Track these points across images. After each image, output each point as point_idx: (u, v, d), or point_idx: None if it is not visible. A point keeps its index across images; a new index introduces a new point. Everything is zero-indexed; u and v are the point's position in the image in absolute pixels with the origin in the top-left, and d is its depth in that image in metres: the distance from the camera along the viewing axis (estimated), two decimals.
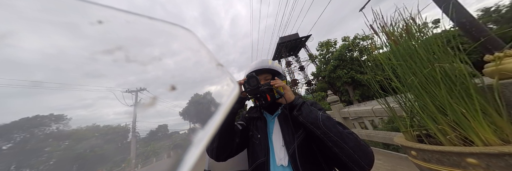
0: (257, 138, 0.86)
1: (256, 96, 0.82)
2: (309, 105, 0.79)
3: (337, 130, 0.66)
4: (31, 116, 14.73)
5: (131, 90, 16.63)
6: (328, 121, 0.69)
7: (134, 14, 0.23)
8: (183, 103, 4.69)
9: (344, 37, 19.63)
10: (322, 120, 0.69)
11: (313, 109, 0.75)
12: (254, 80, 0.79)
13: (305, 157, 0.73)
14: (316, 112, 0.73)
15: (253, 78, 0.79)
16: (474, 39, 1.14)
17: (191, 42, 0.28)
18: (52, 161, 10.53)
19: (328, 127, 0.66)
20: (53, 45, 0.26)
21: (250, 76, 0.80)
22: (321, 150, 0.76)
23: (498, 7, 21.02)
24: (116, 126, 13.54)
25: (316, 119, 0.69)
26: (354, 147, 0.63)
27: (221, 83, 0.29)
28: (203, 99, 0.38)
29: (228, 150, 0.85)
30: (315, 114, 0.71)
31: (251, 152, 0.86)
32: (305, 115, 0.72)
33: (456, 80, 0.79)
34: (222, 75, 0.30)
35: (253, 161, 0.82)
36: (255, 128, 0.92)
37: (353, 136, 0.67)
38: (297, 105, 0.76)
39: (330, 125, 0.67)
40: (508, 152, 0.58)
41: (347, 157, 0.62)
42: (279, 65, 1.04)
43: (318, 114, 0.71)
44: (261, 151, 0.80)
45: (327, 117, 0.71)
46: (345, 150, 0.63)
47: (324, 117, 0.70)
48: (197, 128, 0.22)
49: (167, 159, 11.04)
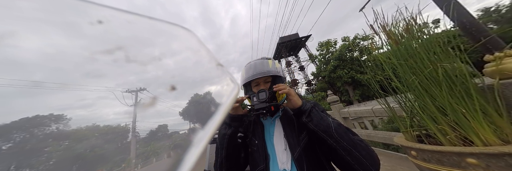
0: (255, 144, 0.84)
1: (263, 111, 0.75)
2: (318, 110, 0.74)
3: (349, 138, 0.64)
4: (31, 116, 14.74)
5: (131, 90, 16.60)
6: (340, 128, 0.66)
7: (134, 14, 0.23)
8: (183, 103, 4.61)
9: (344, 37, 19.63)
10: (335, 128, 0.65)
11: (324, 115, 0.71)
12: (263, 94, 0.77)
13: (310, 161, 0.72)
14: (327, 118, 0.69)
15: (263, 92, 0.78)
16: (474, 39, 1.14)
17: (191, 42, 0.28)
18: (52, 161, 10.54)
19: (341, 135, 0.64)
20: (53, 45, 0.26)
21: (260, 91, 0.79)
22: (324, 152, 0.75)
23: (498, 7, 21.02)
24: (116, 126, 13.51)
25: (329, 127, 0.66)
26: (366, 155, 0.62)
27: (221, 83, 0.29)
28: (203, 99, 0.38)
29: (237, 168, 0.85)
30: (327, 122, 0.68)
31: (251, 160, 0.84)
32: (316, 122, 0.68)
33: (456, 81, 0.79)
34: (222, 75, 0.30)
35: (253, 168, 0.80)
36: (252, 133, 0.89)
37: (364, 144, 0.65)
38: (306, 111, 0.71)
39: (342, 132, 0.65)
40: (508, 152, 0.58)
41: (358, 165, 0.62)
42: (279, 64, 0.97)
43: (329, 121, 0.68)
44: (260, 158, 0.78)
45: (338, 124, 0.68)
46: (357, 158, 0.62)
47: (335, 124, 0.67)
48: (197, 128, 0.22)
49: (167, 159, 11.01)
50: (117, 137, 12.51)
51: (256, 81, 0.91)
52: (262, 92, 0.78)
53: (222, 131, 0.83)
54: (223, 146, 0.80)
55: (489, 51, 1.07)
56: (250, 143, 0.87)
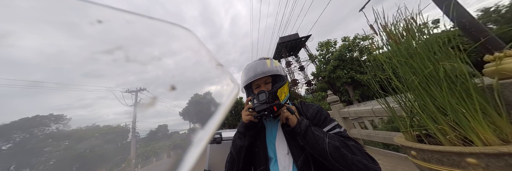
0: (256, 145, 0.83)
1: (265, 113, 0.72)
2: (313, 130, 0.69)
3: (346, 162, 0.62)
4: (30, 116, 14.66)
5: (131, 89, 16.54)
6: (336, 152, 0.63)
7: (134, 14, 0.23)
8: (183, 103, 4.66)
9: (344, 37, 19.65)
10: (330, 153, 0.63)
11: (319, 137, 0.67)
12: (263, 95, 0.75)
13: (316, 169, 0.70)
14: (322, 141, 0.65)
15: (263, 93, 0.76)
16: (474, 39, 1.14)
17: (191, 42, 0.28)
18: (52, 161, 10.51)
19: (336, 160, 0.62)
20: (53, 45, 0.26)
21: (260, 92, 0.77)
22: None
23: (498, 7, 21.04)
24: (116, 126, 13.47)
25: (324, 152, 0.64)
26: None
27: (221, 83, 0.29)
28: (203, 99, 0.38)
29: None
30: (322, 146, 0.64)
31: (254, 159, 0.83)
32: (311, 146, 0.66)
33: (456, 80, 0.79)
34: (222, 75, 0.30)
35: (255, 168, 0.81)
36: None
37: (362, 165, 0.61)
38: (301, 133, 0.69)
39: (338, 157, 0.63)
40: (507, 152, 0.58)
41: None
42: (278, 63, 0.94)
43: (325, 145, 0.64)
44: (260, 160, 0.78)
45: (334, 147, 0.64)
46: None
47: (332, 148, 0.64)
48: (197, 128, 0.22)
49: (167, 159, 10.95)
50: (117, 137, 12.48)
51: (257, 83, 0.89)
52: (262, 93, 0.76)
53: (237, 142, 0.81)
54: (240, 158, 0.79)
55: (489, 51, 1.07)
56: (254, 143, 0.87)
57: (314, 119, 0.82)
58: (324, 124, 0.80)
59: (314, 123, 0.81)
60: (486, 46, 1.09)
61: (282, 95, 0.84)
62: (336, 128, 0.77)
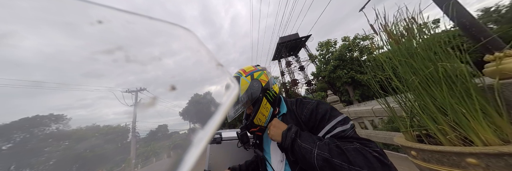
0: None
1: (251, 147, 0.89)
2: (300, 143, 0.62)
3: None
4: (31, 116, 14.76)
5: (131, 89, 16.59)
6: (326, 165, 0.55)
7: (134, 14, 0.23)
8: (183, 103, 4.71)
9: (344, 37, 19.65)
10: (320, 167, 0.56)
11: (306, 150, 0.60)
12: (244, 121, 0.84)
13: None
14: (310, 154, 0.58)
15: (243, 133, 0.88)
16: (474, 39, 1.14)
17: (191, 42, 0.28)
18: (52, 161, 10.55)
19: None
20: (53, 45, 0.26)
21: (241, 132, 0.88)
22: None
23: (498, 7, 21.02)
24: (116, 126, 13.56)
25: (313, 167, 0.58)
26: None
27: (221, 83, 0.29)
28: (203, 99, 0.38)
29: None
30: (310, 161, 0.58)
31: None
32: (301, 161, 0.62)
33: (456, 80, 0.79)
34: (222, 75, 0.30)
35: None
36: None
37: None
38: (287, 149, 0.64)
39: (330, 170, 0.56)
40: (507, 152, 0.58)
41: None
42: (256, 73, 0.83)
43: (313, 159, 0.57)
44: (262, 165, 0.86)
45: (323, 160, 0.56)
46: None
47: (320, 162, 0.56)
48: (197, 128, 0.22)
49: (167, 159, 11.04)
50: (117, 137, 12.56)
51: None
52: (243, 134, 0.88)
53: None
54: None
55: (489, 51, 1.06)
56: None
57: (309, 121, 0.73)
58: (321, 125, 0.69)
59: (310, 125, 0.72)
60: (486, 46, 1.09)
61: (261, 118, 0.78)
62: (337, 127, 0.66)
